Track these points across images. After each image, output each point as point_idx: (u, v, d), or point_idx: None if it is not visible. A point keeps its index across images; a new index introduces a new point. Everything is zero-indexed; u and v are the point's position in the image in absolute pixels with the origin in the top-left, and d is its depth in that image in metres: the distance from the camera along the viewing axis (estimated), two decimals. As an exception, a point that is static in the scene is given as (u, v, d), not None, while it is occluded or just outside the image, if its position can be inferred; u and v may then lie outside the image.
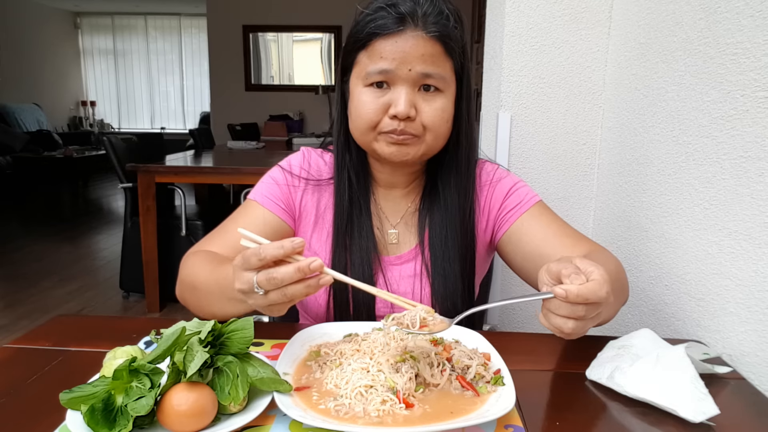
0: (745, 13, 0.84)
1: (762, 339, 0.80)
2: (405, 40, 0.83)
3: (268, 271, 0.63)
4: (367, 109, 0.87)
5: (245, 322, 0.62)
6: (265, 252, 0.63)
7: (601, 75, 1.36)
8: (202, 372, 0.59)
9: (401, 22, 0.83)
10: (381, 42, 0.84)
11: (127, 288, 3.34)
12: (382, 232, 0.99)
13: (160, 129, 9.86)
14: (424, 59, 0.84)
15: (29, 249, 4.46)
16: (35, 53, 8.61)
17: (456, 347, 0.73)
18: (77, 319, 0.96)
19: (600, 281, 0.62)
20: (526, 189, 1.00)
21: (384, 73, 0.84)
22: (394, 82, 0.85)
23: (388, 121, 0.86)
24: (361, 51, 0.87)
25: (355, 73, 0.90)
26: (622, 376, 0.69)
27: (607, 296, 0.62)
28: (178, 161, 3.42)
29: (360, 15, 0.88)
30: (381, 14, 0.84)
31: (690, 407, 0.62)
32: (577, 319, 0.62)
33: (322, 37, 6.69)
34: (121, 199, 5.93)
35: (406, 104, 0.84)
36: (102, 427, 0.54)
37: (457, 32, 0.87)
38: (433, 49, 0.84)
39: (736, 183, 0.85)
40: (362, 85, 0.87)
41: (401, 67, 0.84)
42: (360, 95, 0.88)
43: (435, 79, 0.85)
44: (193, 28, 9.66)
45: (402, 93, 0.84)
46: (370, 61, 0.85)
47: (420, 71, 0.84)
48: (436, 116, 0.86)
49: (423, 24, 0.83)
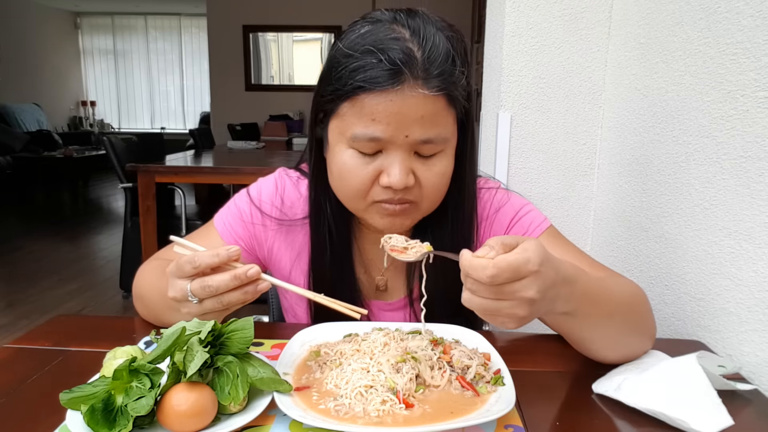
0: (745, 13, 0.84)
1: (762, 339, 0.80)
2: (402, 99, 0.67)
3: (203, 279, 0.61)
4: (353, 176, 0.73)
5: (245, 322, 0.62)
6: (200, 260, 0.61)
7: (601, 75, 1.36)
8: (202, 372, 0.59)
9: (396, 76, 0.67)
10: (371, 98, 0.68)
11: (127, 288, 3.33)
12: (369, 277, 0.90)
13: (160, 129, 9.86)
14: (424, 122, 0.69)
15: (29, 249, 4.46)
16: (35, 53, 8.61)
17: (456, 347, 0.73)
18: (77, 319, 0.95)
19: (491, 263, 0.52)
20: (531, 216, 0.87)
21: (375, 140, 0.70)
22: (386, 147, 0.71)
23: (381, 190, 0.73)
24: (345, 102, 0.71)
25: (335, 124, 0.74)
26: (630, 386, 0.66)
27: (489, 280, 0.52)
28: (178, 161, 3.43)
29: (340, 53, 0.71)
30: (369, 61, 0.68)
31: (702, 419, 0.59)
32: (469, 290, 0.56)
33: (322, 37, 6.70)
34: (121, 199, 5.93)
35: (403, 174, 0.71)
36: (102, 427, 0.54)
37: (463, 77, 0.72)
38: (435, 107, 0.70)
39: (736, 183, 0.85)
40: (346, 144, 0.73)
41: (397, 134, 0.69)
42: (343, 156, 0.73)
43: (435, 144, 0.72)
44: (193, 28, 9.66)
45: (397, 160, 0.71)
46: (357, 120, 0.70)
47: (418, 138, 0.70)
48: (436, 182, 0.75)
49: (423, 75, 0.68)
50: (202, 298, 0.62)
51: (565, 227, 1.42)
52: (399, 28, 0.70)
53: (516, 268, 0.52)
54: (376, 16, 0.73)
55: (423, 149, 0.72)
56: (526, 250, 0.53)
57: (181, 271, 0.63)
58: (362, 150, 0.72)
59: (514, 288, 0.54)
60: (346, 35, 0.73)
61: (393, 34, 0.69)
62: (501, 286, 0.53)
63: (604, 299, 0.68)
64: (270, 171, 0.96)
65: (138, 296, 0.86)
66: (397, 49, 0.67)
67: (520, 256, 0.53)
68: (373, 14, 0.74)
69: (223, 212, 0.91)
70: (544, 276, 0.54)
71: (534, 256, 0.53)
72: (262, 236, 0.89)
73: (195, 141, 5.57)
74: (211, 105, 6.97)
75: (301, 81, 6.82)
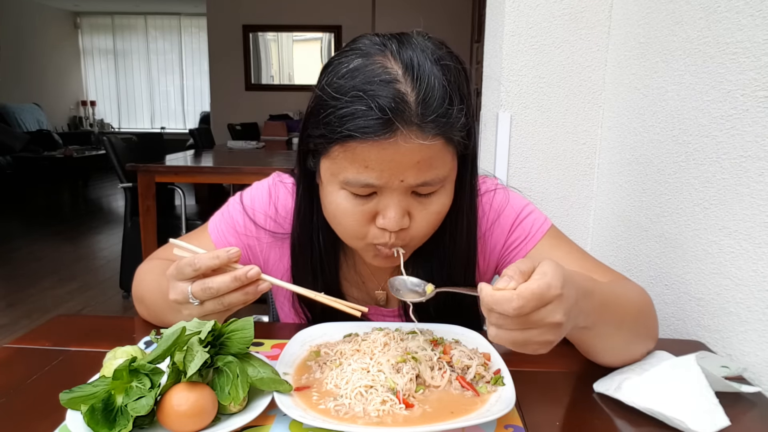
0: (745, 13, 0.84)
1: (762, 339, 0.80)
2: (395, 148, 0.64)
3: (203, 281, 0.61)
4: (348, 218, 0.71)
5: (245, 323, 0.62)
6: (200, 262, 0.61)
7: (601, 75, 1.36)
8: (202, 372, 0.59)
9: (388, 125, 0.62)
10: (363, 147, 0.64)
11: (127, 288, 3.32)
12: (366, 292, 0.90)
13: (160, 129, 9.86)
14: (420, 167, 0.66)
15: (29, 249, 4.46)
16: (35, 53, 8.61)
17: (456, 347, 0.73)
18: (77, 319, 0.95)
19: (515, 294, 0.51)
20: (532, 217, 0.86)
21: (369, 187, 0.67)
22: (381, 191, 0.69)
23: (377, 232, 0.71)
24: (336, 145, 0.67)
25: (327, 165, 0.70)
26: (630, 386, 0.67)
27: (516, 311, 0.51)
28: (178, 161, 3.43)
29: (327, 94, 0.66)
30: (359, 109, 0.63)
31: (700, 419, 0.60)
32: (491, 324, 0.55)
33: (322, 36, 6.70)
34: (121, 199, 5.93)
35: (398, 217, 0.69)
36: (102, 427, 0.54)
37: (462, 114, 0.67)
38: (431, 151, 0.66)
39: (736, 183, 0.85)
40: (338, 186, 0.70)
41: (392, 180, 0.66)
42: (337, 198, 0.71)
43: (432, 185, 0.69)
44: (193, 27, 9.66)
45: (392, 204, 0.68)
46: (350, 165, 0.66)
47: (413, 183, 0.67)
48: (432, 221, 0.73)
49: (418, 122, 0.63)
50: (203, 300, 0.63)
51: (565, 227, 1.42)
52: (390, 64, 0.65)
53: (540, 296, 0.51)
54: (364, 46, 0.68)
55: (420, 190, 0.70)
56: (545, 275, 0.52)
57: (182, 274, 0.63)
58: (356, 193, 0.69)
59: (540, 315, 0.52)
60: (333, 69, 0.68)
61: (383, 75, 0.64)
62: (528, 316, 0.52)
63: (617, 308, 0.68)
64: (270, 170, 0.94)
65: (138, 298, 0.86)
66: (387, 97, 0.62)
67: (542, 282, 0.52)
68: (361, 43, 0.69)
69: (217, 218, 0.90)
70: (567, 297, 0.53)
71: (554, 279, 0.52)
72: (257, 248, 0.89)
73: (195, 141, 5.57)
74: (211, 105, 6.97)
75: (301, 81, 6.82)
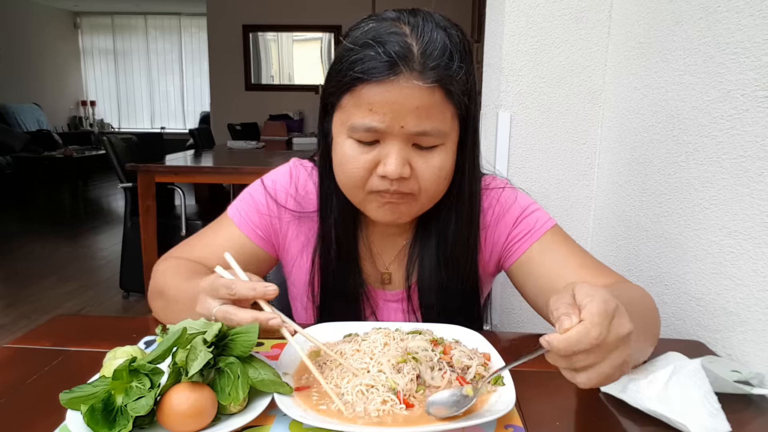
0: (745, 13, 0.84)
1: (762, 339, 0.80)
2: (397, 90, 0.70)
3: (228, 312, 0.63)
4: (352, 166, 0.75)
5: (250, 327, 0.62)
6: (237, 289, 0.63)
7: (601, 75, 1.36)
8: (204, 372, 0.59)
9: (392, 67, 0.69)
10: (369, 89, 0.71)
11: (127, 288, 3.34)
12: (375, 269, 0.92)
13: (160, 129, 9.86)
14: (419, 113, 0.71)
15: (29, 249, 4.46)
16: (35, 53, 8.61)
17: (456, 347, 0.73)
18: (77, 319, 0.95)
19: (587, 324, 0.49)
20: (537, 214, 0.88)
21: (372, 130, 0.72)
22: (383, 138, 0.73)
23: (378, 180, 0.75)
24: (346, 94, 0.74)
25: (338, 117, 0.77)
26: (635, 388, 0.67)
27: (598, 340, 0.49)
28: (178, 161, 3.43)
29: (343, 48, 0.74)
30: (368, 54, 0.70)
31: (700, 423, 0.60)
32: (578, 370, 0.52)
33: (322, 36, 6.70)
34: (121, 199, 5.93)
35: (398, 164, 0.72)
36: (102, 427, 0.54)
37: (462, 71, 0.73)
38: (431, 99, 0.71)
39: (736, 183, 0.85)
40: (346, 134, 0.76)
41: (392, 124, 0.71)
42: (344, 146, 0.76)
43: (431, 137, 0.73)
44: (193, 27, 9.66)
45: (393, 151, 0.73)
46: (356, 110, 0.73)
47: (413, 130, 0.72)
48: (432, 176, 0.76)
49: (419, 68, 0.70)
50: None
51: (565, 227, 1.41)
52: (400, 25, 0.73)
53: (606, 314, 0.50)
54: (381, 15, 0.76)
55: (420, 141, 0.74)
56: (593, 295, 0.51)
57: (216, 293, 0.65)
58: (361, 139, 0.74)
59: (614, 335, 0.51)
60: (350, 32, 0.76)
61: (393, 29, 0.72)
62: (606, 341, 0.50)
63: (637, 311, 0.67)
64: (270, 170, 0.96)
65: (158, 294, 0.86)
66: (394, 42, 0.70)
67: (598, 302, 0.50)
68: (379, 13, 0.77)
69: (237, 204, 0.92)
70: (622, 308, 0.53)
71: (604, 294, 0.51)
72: (278, 225, 0.92)
73: (195, 141, 5.57)
74: (211, 105, 6.97)
75: (301, 81, 6.82)
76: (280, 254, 0.95)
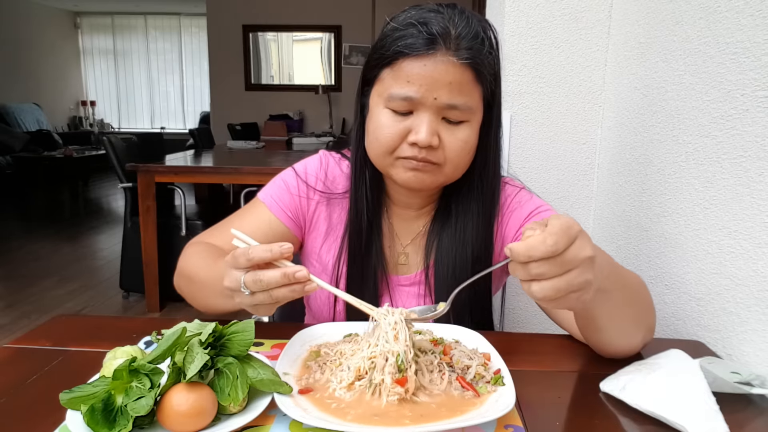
0: (745, 13, 0.84)
1: (762, 339, 0.80)
2: (434, 64, 0.77)
3: (255, 273, 0.64)
4: (385, 132, 0.82)
5: (246, 325, 0.62)
6: (254, 253, 0.64)
7: (600, 75, 1.36)
8: (203, 373, 0.59)
9: (432, 44, 0.77)
10: (408, 63, 0.79)
11: (127, 288, 3.34)
12: (393, 251, 0.96)
13: (160, 129, 9.86)
14: (452, 88, 0.78)
15: (29, 249, 4.46)
16: (35, 53, 8.61)
17: (456, 347, 0.73)
18: (77, 319, 0.95)
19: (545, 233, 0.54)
20: (549, 213, 0.93)
21: (408, 100, 0.79)
22: (416, 108, 0.80)
23: (407, 147, 0.82)
24: (386, 68, 0.82)
25: (376, 89, 0.85)
26: (634, 388, 0.67)
27: (553, 248, 0.53)
28: (178, 161, 3.43)
29: (388, 28, 0.83)
30: (411, 32, 0.79)
31: (698, 424, 0.60)
32: (536, 279, 0.56)
33: (322, 36, 6.69)
34: (121, 199, 5.93)
35: (428, 133, 0.79)
36: (102, 427, 0.54)
37: (492, 58, 0.82)
38: (462, 77, 0.79)
39: (736, 183, 0.85)
40: (383, 105, 0.83)
41: (427, 95, 0.78)
42: (379, 116, 0.83)
43: (461, 111, 0.80)
44: (193, 27, 9.66)
45: (424, 121, 0.80)
46: (394, 82, 0.80)
47: (445, 102, 0.79)
48: (458, 148, 0.82)
49: (455, 47, 0.78)
50: (254, 291, 0.64)
51: (565, 227, 1.42)
52: (441, 11, 0.81)
53: (567, 229, 0.55)
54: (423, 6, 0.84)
55: (449, 114, 0.81)
56: (560, 217, 0.56)
57: (236, 263, 0.65)
58: (396, 109, 0.81)
59: (573, 252, 0.55)
60: (395, 17, 0.84)
61: (435, 12, 0.80)
62: (563, 255, 0.54)
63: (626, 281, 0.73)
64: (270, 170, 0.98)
65: (185, 276, 0.88)
66: (435, 23, 0.78)
67: (562, 221, 0.55)
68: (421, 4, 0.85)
69: (267, 189, 0.98)
70: (587, 235, 0.57)
71: (570, 219, 0.56)
72: (306, 207, 0.97)
73: (195, 141, 5.57)
74: (211, 105, 6.97)
75: (301, 81, 6.82)
76: (306, 237, 0.99)
